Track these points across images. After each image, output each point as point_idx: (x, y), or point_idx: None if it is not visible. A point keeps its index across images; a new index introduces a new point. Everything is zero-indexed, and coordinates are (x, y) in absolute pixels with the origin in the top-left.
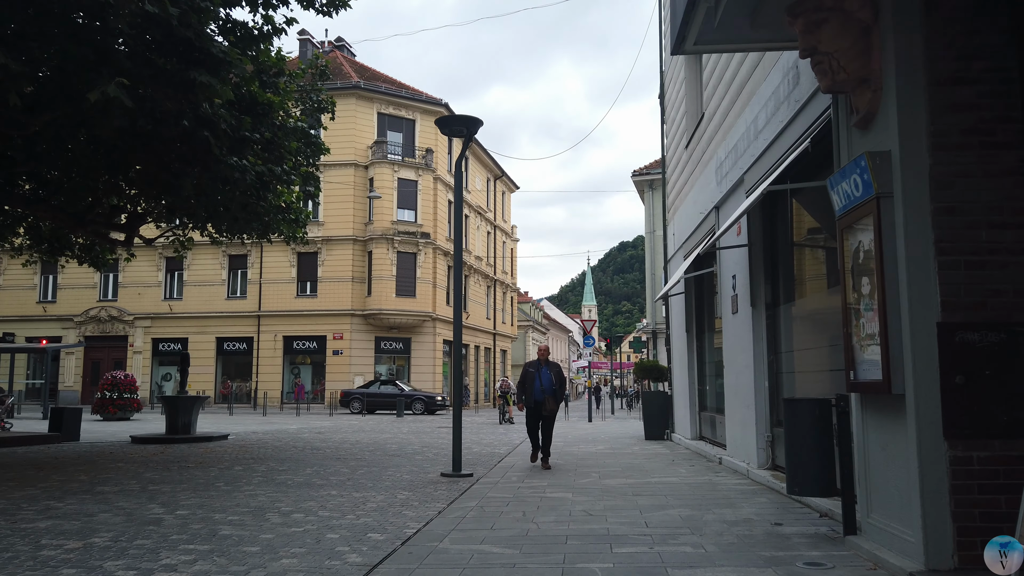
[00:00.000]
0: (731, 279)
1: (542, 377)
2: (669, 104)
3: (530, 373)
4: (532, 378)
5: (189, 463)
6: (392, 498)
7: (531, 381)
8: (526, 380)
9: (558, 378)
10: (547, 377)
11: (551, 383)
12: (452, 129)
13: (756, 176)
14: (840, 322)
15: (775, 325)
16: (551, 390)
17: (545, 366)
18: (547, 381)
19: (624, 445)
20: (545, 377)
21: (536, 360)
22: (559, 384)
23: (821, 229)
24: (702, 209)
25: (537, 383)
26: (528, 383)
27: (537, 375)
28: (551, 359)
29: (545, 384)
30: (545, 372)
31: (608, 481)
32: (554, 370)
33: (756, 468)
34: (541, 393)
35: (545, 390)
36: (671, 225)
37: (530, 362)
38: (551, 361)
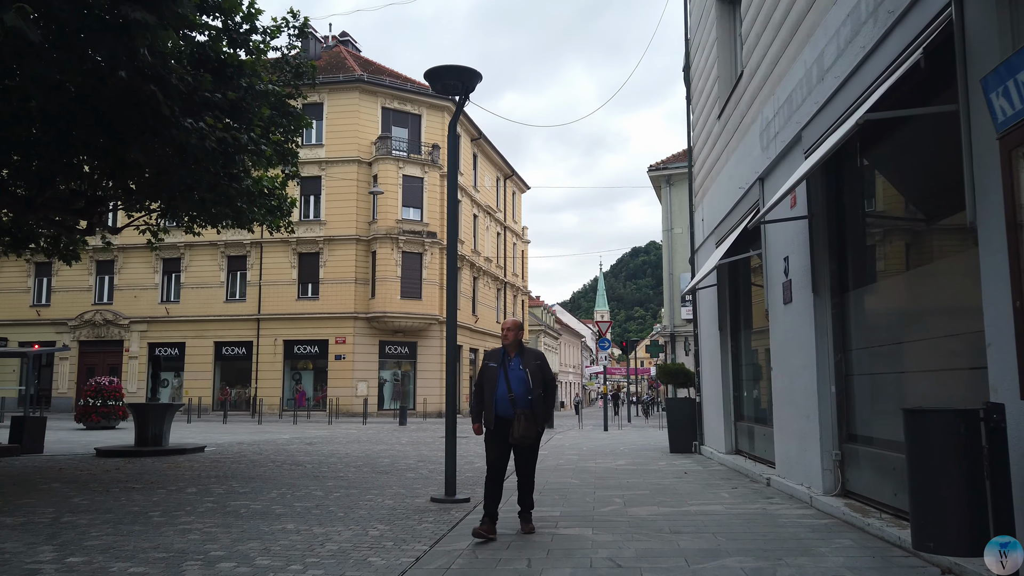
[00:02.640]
0: (782, 262)
1: (511, 376)
2: (696, 74)
3: (491, 370)
4: (493, 378)
5: (138, 483)
6: (362, 535)
7: (491, 384)
8: (484, 382)
9: (538, 376)
10: (519, 377)
11: (526, 387)
12: (444, 84)
13: (820, 128)
14: (935, 308)
15: (844, 316)
16: (526, 400)
17: (517, 356)
18: (520, 383)
19: (648, 459)
20: (516, 376)
21: (499, 349)
22: (544, 388)
23: (907, 193)
24: (741, 183)
25: (502, 387)
26: (487, 387)
27: (502, 372)
28: (528, 345)
29: (517, 389)
30: (516, 368)
31: (636, 510)
32: (532, 364)
33: (821, 494)
34: (509, 405)
35: (516, 399)
36: (699, 211)
37: (491, 351)
38: (528, 348)
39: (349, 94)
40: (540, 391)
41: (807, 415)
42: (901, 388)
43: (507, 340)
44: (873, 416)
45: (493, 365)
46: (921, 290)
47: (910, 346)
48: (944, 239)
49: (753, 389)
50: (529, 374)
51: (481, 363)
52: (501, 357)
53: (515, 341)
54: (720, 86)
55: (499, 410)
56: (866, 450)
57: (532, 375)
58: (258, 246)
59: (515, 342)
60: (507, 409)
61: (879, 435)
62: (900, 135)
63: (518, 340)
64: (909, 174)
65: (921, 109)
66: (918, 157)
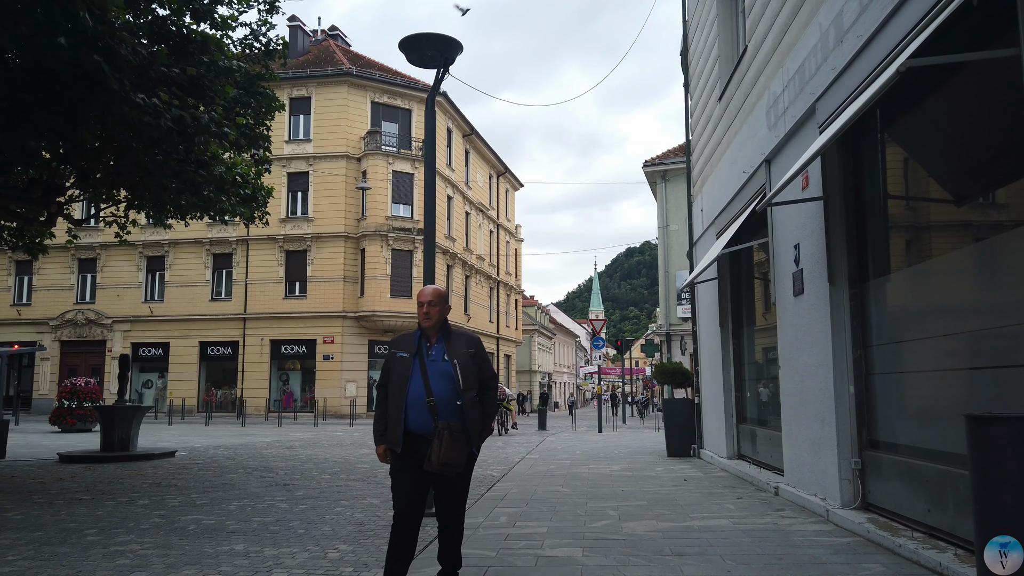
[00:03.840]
0: (792, 250)
1: (430, 371)
2: (695, 57)
3: (399, 363)
4: (403, 376)
5: (88, 494)
6: (318, 558)
7: (401, 383)
8: (389, 382)
9: (470, 371)
10: (443, 372)
11: (453, 387)
12: (422, 55)
13: (838, 98)
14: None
15: (863, 308)
16: (453, 407)
17: (440, 343)
18: (443, 382)
19: (644, 464)
20: (439, 372)
21: (412, 333)
22: (480, 389)
23: (938, 169)
24: (745, 167)
25: (416, 387)
26: (393, 389)
27: (416, 366)
28: (455, 326)
29: (439, 390)
30: (439, 359)
31: (632, 525)
32: (461, 353)
33: (839, 507)
34: (427, 415)
35: (438, 406)
36: (697, 201)
37: (400, 337)
38: (458, 331)
39: (337, 88)
40: (474, 393)
41: (822, 419)
42: (935, 389)
43: (427, 319)
44: (900, 420)
45: (403, 355)
46: (959, 277)
47: (945, 341)
48: (987, 218)
49: (757, 389)
50: (458, 368)
51: (388, 354)
52: (416, 344)
53: (438, 321)
54: (721, 66)
55: (411, 423)
56: (891, 458)
57: (462, 369)
58: (244, 243)
59: (438, 323)
60: (424, 421)
61: (907, 441)
62: (928, 104)
63: (442, 320)
64: (940, 147)
65: (975, 54)
66: (951, 127)
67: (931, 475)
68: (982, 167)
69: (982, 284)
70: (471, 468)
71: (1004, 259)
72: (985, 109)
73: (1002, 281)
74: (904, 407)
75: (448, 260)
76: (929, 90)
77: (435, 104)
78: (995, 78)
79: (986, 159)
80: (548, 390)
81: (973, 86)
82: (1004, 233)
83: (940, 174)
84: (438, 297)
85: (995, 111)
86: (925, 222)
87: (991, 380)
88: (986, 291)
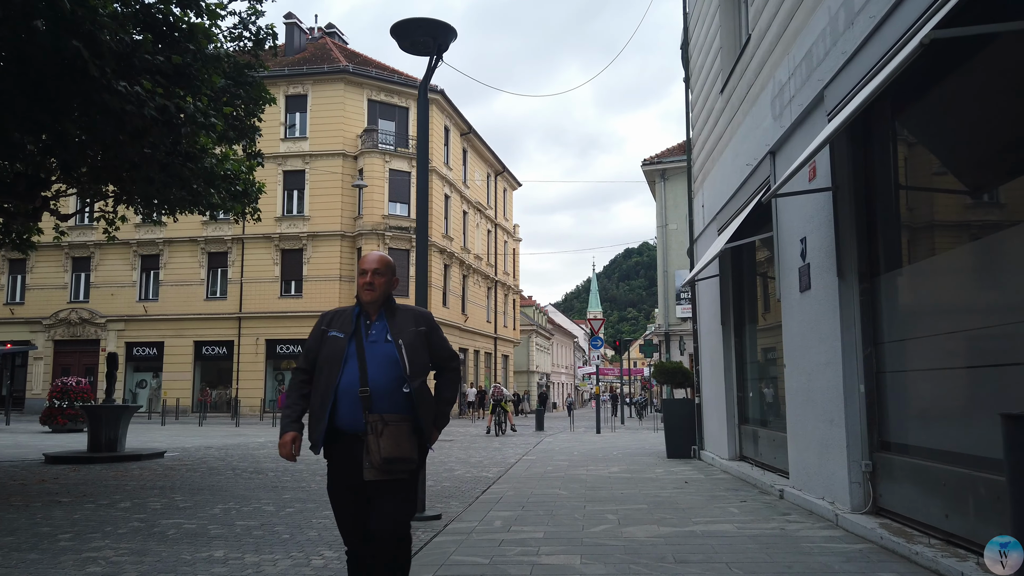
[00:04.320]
0: (798, 244)
1: (369, 353)
2: (695, 50)
3: (331, 343)
4: (334, 359)
5: (69, 496)
6: (302, 565)
7: (331, 368)
8: (317, 364)
9: (419, 353)
10: (384, 355)
11: (396, 373)
12: (414, 41)
13: (849, 83)
14: None
15: (874, 303)
16: (397, 397)
17: (382, 320)
18: (385, 366)
19: (644, 465)
20: (379, 355)
21: (348, 309)
22: (441, 373)
23: (953, 157)
24: (749, 160)
25: (350, 373)
26: (321, 374)
27: (350, 347)
28: (399, 301)
29: (379, 376)
30: (380, 339)
31: (632, 530)
32: (407, 331)
33: (848, 512)
34: (358, 408)
35: (375, 396)
36: (698, 197)
37: (333, 312)
38: (402, 306)
39: (334, 85)
40: (422, 379)
41: (830, 419)
42: (953, 387)
43: (369, 291)
44: (913, 421)
45: (337, 335)
46: (975, 271)
47: (962, 338)
48: (1006, 208)
49: (761, 389)
50: (404, 350)
51: (315, 331)
52: (354, 322)
53: (382, 295)
54: (723, 57)
55: (341, 418)
56: (904, 461)
57: (409, 351)
58: (239, 242)
59: (382, 296)
60: (356, 416)
61: (922, 443)
62: (942, 89)
63: (387, 294)
64: (955, 134)
65: (1006, 25)
66: (968, 112)
67: (949, 478)
68: (1001, 155)
69: (999, 278)
70: (417, 476)
71: (1022, 251)
72: (1005, 93)
73: (1020, 274)
74: (918, 407)
75: (445, 259)
76: (944, 74)
77: (433, 102)
78: (1017, 58)
79: (1005, 146)
80: (546, 390)
81: (992, 68)
82: (1016, 227)
83: (955, 163)
84: (385, 265)
85: (1016, 94)
86: (940, 213)
87: (1013, 378)
88: (1004, 285)
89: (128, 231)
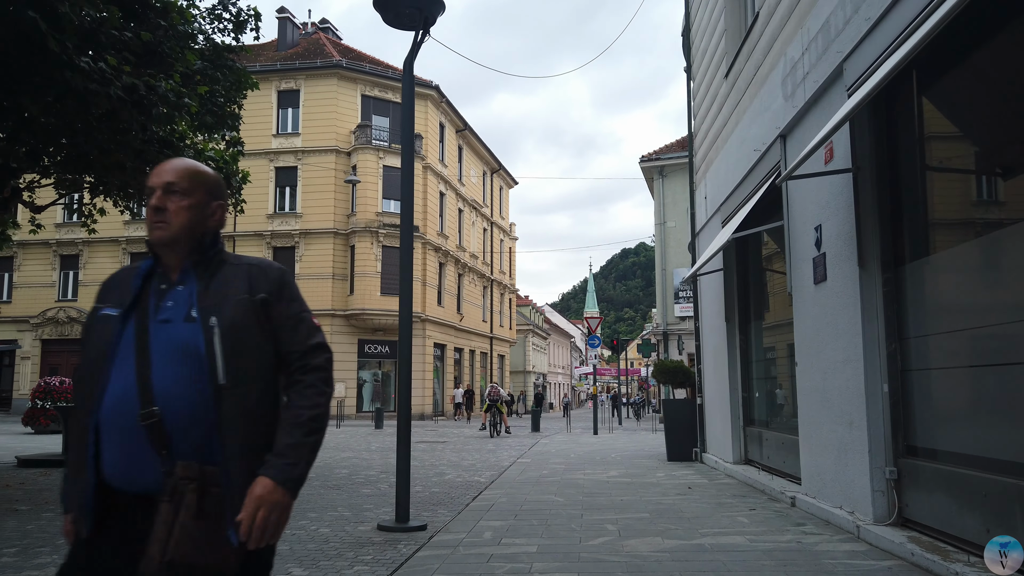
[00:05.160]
0: (812, 233)
1: (153, 342)
2: (698, 34)
3: (100, 327)
4: (100, 353)
5: (29, 503)
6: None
7: (95, 369)
8: (81, 368)
9: (243, 336)
10: (179, 343)
11: (201, 372)
12: (398, 13)
13: (873, 53)
14: None
15: (899, 295)
16: (201, 423)
17: (191, 279)
18: (178, 363)
19: (644, 469)
20: (170, 342)
21: (135, 267)
22: (289, 376)
23: (987, 133)
24: (757, 145)
25: (120, 380)
26: (82, 383)
27: (125, 333)
28: (257, 258)
29: (169, 383)
30: (178, 314)
31: (635, 543)
32: (230, 298)
33: (871, 523)
34: (144, 444)
35: (169, 420)
36: (700, 189)
37: (117, 273)
38: (236, 258)
39: (327, 81)
40: (259, 388)
41: (849, 421)
42: (991, 386)
43: (160, 226)
44: (945, 423)
45: (109, 313)
46: (1015, 256)
47: (1000, 331)
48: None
49: (768, 389)
50: (217, 333)
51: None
52: (135, 285)
53: (184, 232)
54: (728, 40)
55: (112, 467)
56: (934, 467)
57: (226, 338)
58: (230, 240)
59: (184, 235)
60: (135, 464)
61: (956, 448)
62: (975, 59)
63: (194, 231)
64: (989, 109)
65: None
66: (1005, 82)
67: (991, 488)
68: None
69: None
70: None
71: None
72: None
73: None
74: (950, 408)
75: (440, 257)
76: (979, 41)
77: (428, 98)
78: None
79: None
80: (543, 391)
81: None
82: None
83: (990, 139)
84: (189, 178)
85: None
86: (973, 195)
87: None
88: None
89: (117, 228)
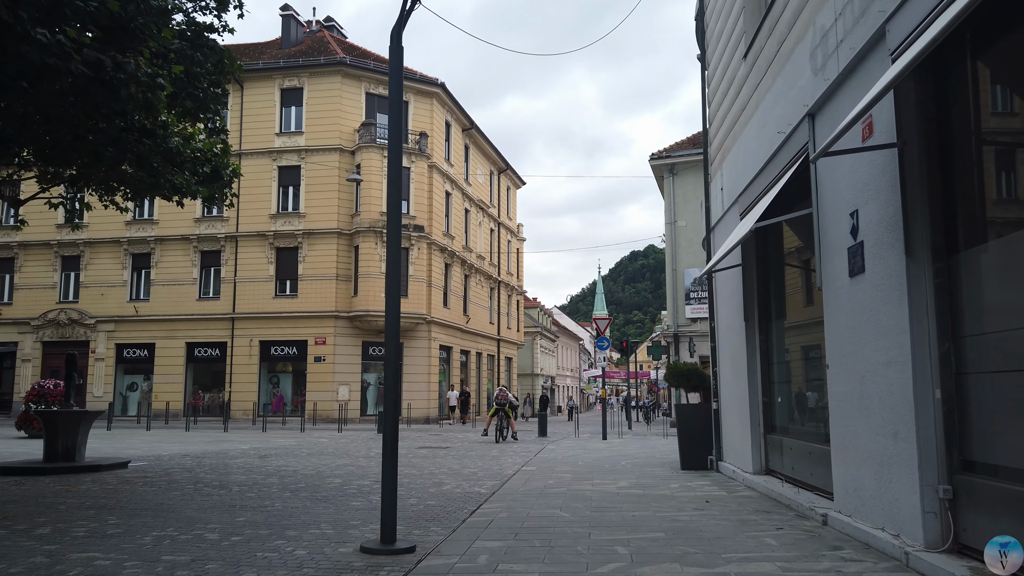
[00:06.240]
0: (847, 220)
1: None
2: (713, 16)
3: None
4: None
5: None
6: None
7: None
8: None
9: None
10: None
11: None
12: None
13: (924, 7)
14: None
15: (953, 286)
16: None
17: None
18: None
19: (656, 479)
20: None
21: None
22: None
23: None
24: (781, 127)
25: None
26: None
27: None
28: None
29: None
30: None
31: (649, 571)
32: None
33: (922, 549)
34: None
35: None
36: (716, 180)
37: None
38: None
39: (331, 78)
40: None
41: (893, 431)
42: None
43: None
44: (1007, 435)
45: None
46: None
47: None
48: None
49: (792, 393)
50: None
51: None
52: None
53: None
54: (747, 18)
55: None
56: (995, 486)
57: None
58: (233, 240)
59: None
60: None
61: (1020, 464)
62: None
63: None
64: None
65: None
66: None
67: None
68: None
69: None
70: None
71: None
72: None
73: None
74: (1015, 417)
75: (447, 258)
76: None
77: (434, 96)
78: None
79: None
80: (550, 393)
81: None
82: None
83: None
84: None
85: None
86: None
87: None
88: None
89: (119, 229)
